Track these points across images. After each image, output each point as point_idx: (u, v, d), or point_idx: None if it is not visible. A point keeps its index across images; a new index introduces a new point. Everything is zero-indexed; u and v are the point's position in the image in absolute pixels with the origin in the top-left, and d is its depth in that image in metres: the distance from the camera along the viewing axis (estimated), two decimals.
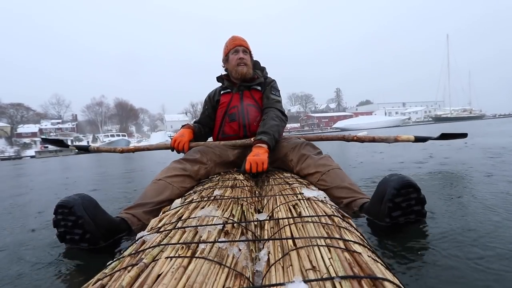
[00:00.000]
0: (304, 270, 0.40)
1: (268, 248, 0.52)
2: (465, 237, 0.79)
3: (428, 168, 1.93)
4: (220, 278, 0.41)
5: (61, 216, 0.84)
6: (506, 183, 1.34)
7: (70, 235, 0.85)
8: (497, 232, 0.80)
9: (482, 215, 0.94)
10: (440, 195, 1.24)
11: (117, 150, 1.94)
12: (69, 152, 27.79)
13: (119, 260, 0.49)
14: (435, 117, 48.36)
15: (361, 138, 1.76)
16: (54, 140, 2.21)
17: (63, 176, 3.98)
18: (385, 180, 0.85)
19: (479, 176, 1.55)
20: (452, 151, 2.90)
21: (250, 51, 1.55)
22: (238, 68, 1.49)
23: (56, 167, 5.99)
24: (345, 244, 0.48)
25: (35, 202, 1.96)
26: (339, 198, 1.05)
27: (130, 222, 0.97)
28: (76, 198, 0.84)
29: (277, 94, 1.53)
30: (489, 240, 0.76)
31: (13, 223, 1.37)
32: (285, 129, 1.64)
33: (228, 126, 1.51)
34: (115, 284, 0.39)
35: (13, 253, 0.94)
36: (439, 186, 1.41)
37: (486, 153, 2.51)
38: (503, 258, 0.65)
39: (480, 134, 5.53)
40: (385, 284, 0.35)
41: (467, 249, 0.72)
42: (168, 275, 0.40)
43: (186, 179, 1.18)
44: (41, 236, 1.10)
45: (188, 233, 0.56)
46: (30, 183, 3.48)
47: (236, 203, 0.78)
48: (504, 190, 1.21)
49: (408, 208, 0.84)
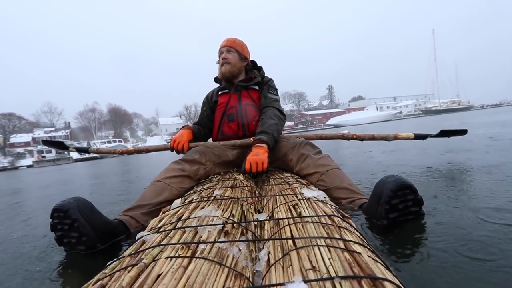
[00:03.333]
0: (304, 270, 0.40)
1: (268, 248, 0.52)
2: (466, 237, 0.79)
3: (427, 164, 1.93)
4: (220, 278, 0.41)
5: (57, 220, 0.84)
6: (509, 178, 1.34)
7: (68, 239, 0.85)
8: (501, 231, 0.80)
9: (483, 214, 0.94)
10: (439, 193, 1.24)
11: (117, 152, 1.95)
12: (66, 160, 28.16)
13: (119, 260, 0.49)
14: (425, 110, 48.89)
15: (361, 136, 1.76)
16: (55, 142, 2.23)
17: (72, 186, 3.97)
18: (382, 181, 0.85)
19: (480, 172, 1.55)
20: (455, 143, 2.88)
21: (237, 50, 1.54)
22: (221, 68, 1.53)
23: (60, 177, 5.92)
24: (345, 244, 0.48)
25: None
26: (338, 199, 1.05)
27: (128, 224, 0.97)
28: (71, 201, 0.84)
29: (274, 93, 1.54)
30: (491, 239, 0.76)
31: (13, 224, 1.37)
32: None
33: (227, 126, 1.51)
34: (115, 284, 0.39)
35: (13, 253, 0.94)
36: (438, 184, 1.41)
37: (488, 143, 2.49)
38: (506, 257, 0.65)
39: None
40: (385, 284, 0.35)
41: (468, 249, 0.72)
42: (168, 275, 0.40)
43: (185, 180, 1.18)
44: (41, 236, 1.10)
45: (188, 233, 0.56)
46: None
47: (236, 203, 0.78)
48: (507, 186, 1.21)
49: (405, 210, 0.84)
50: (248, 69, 1.59)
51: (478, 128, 4.75)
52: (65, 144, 2.12)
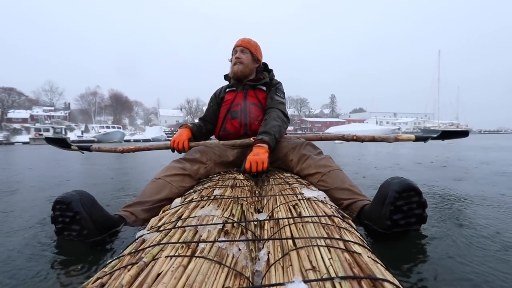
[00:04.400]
0: (304, 270, 0.40)
1: (268, 248, 0.52)
2: (465, 239, 0.79)
3: (428, 168, 1.93)
4: (219, 277, 0.41)
5: (59, 212, 0.85)
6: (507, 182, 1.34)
7: (68, 231, 0.86)
8: (499, 234, 0.80)
9: (482, 217, 0.94)
10: (440, 196, 1.24)
11: (117, 150, 1.95)
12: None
13: (119, 258, 0.49)
14: (424, 129, 49.34)
15: (361, 137, 1.76)
16: (57, 140, 2.25)
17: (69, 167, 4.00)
18: (387, 183, 0.85)
19: (480, 176, 1.55)
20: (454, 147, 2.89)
21: (251, 51, 1.57)
22: (233, 67, 1.55)
23: (57, 156, 5.94)
24: (345, 244, 0.48)
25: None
26: (340, 200, 1.05)
27: (128, 219, 0.98)
28: (74, 194, 0.85)
29: (281, 96, 1.55)
30: (490, 242, 0.76)
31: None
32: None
33: (229, 123, 1.53)
34: (115, 283, 0.39)
35: (11, 250, 0.94)
36: (439, 187, 1.41)
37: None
38: (504, 262, 0.65)
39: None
40: (385, 284, 0.35)
41: (467, 251, 0.72)
42: (168, 274, 0.40)
43: (185, 179, 1.18)
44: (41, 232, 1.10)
45: (188, 233, 0.56)
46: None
47: (236, 203, 0.78)
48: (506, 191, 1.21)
49: (409, 212, 0.84)
50: (259, 71, 1.62)
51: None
52: (67, 142, 2.13)
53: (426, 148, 2.50)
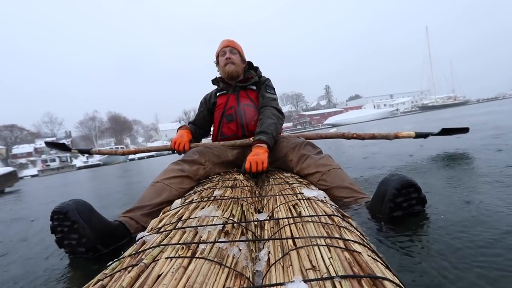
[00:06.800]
0: (304, 269, 0.40)
1: (268, 248, 0.52)
2: (466, 237, 0.79)
3: (429, 162, 1.93)
4: (220, 278, 0.41)
5: (57, 222, 0.84)
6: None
7: (68, 240, 0.85)
8: (502, 231, 0.80)
9: (485, 214, 0.94)
10: (441, 192, 1.23)
11: (118, 153, 1.98)
12: (70, 168, 28.74)
13: (119, 260, 0.49)
14: (422, 106, 49.19)
15: (361, 135, 1.76)
16: (58, 144, 2.30)
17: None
18: (386, 180, 0.85)
19: (483, 169, 1.54)
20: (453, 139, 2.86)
21: (239, 51, 1.57)
22: (225, 68, 1.53)
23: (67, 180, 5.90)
24: (345, 243, 0.48)
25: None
26: (340, 198, 1.05)
27: (128, 225, 0.97)
28: (70, 203, 0.84)
29: (272, 92, 1.54)
30: (492, 241, 0.75)
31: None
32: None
33: (226, 127, 1.52)
34: (115, 285, 0.40)
35: (13, 254, 0.94)
36: (440, 182, 1.41)
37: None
38: (507, 260, 0.65)
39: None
40: (385, 283, 0.35)
41: (468, 249, 0.72)
42: (168, 275, 0.40)
43: (184, 180, 1.18)
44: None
45: (188, 234, 0.56)
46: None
47: (236, 203, 0.78)
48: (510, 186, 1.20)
49: (409, 208, 0.84)
50: (246, 70, 1.61)
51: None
52: (67, 146, 2.20)
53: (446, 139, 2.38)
